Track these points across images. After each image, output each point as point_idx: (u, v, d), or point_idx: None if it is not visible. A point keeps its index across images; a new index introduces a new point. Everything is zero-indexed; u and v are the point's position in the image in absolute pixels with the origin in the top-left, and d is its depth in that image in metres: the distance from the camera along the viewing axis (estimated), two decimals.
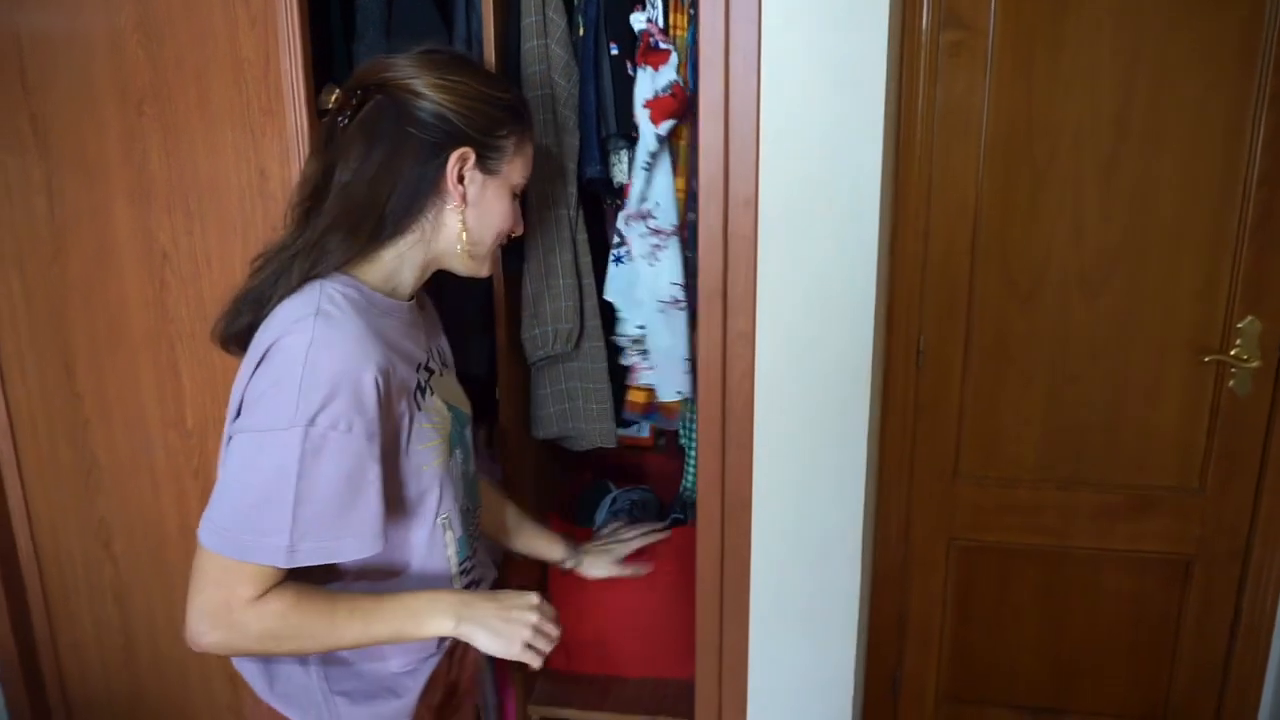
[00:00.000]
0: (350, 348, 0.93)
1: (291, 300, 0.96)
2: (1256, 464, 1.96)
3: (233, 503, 0.92)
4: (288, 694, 1.07)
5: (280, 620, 0.94)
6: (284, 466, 0.89)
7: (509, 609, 1.04)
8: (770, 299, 1.27)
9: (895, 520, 2.13)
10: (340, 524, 0.93)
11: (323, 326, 0.92)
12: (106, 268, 1.47)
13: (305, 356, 0.90)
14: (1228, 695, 2.10)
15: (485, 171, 1.05)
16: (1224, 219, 1.85)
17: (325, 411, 0.90)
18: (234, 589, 0.92)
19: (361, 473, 0.93)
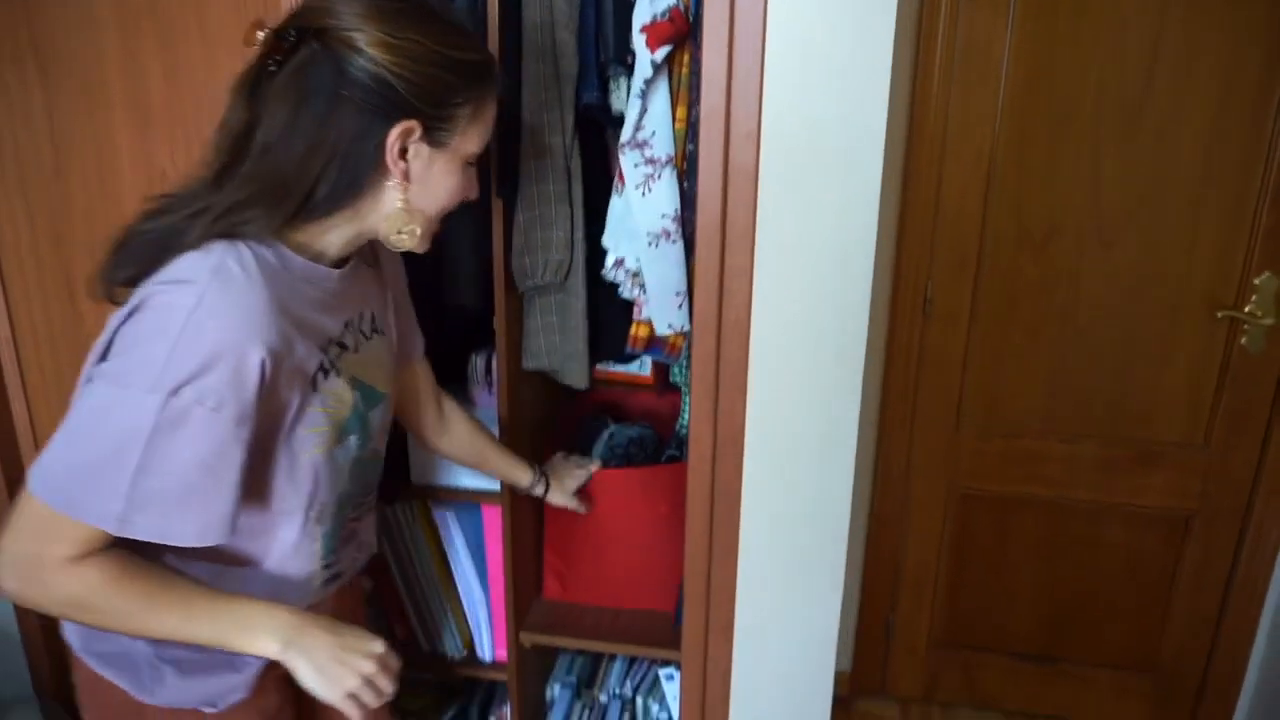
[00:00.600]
0: (241, 319, 0.84)
1: (192, 252, 0.85)
2: (1264, 422, 1.94)
3: (73, 452, 0.83)
4: (105, 653, 1.00)
5: (93, 592, 0.86)
6: (135, 430, 0.81)
7: (347, 650, 0.94)
8: (770, 235, 1.25)
9: (896, 468, 2.13)
10: (184, 506, 0.85)
11: (217, 290, 0.83)
12: (107, 188, 1.47)
13: (187, 318, 0.81)
14: (1219, 649, 2.11)
15: (433, 145, 0.92)
16: (1248, 172, 1.80)
17: (194, 384, 0.81)
18: (51, 544, 0.85)
19: (221, 458, 0.85)
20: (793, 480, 1.38)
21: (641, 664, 1.90)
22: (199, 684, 1.00)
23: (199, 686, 1.00)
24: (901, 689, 2.32)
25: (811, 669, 1.48)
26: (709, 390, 1.32)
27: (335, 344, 1.00)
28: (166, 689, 0.99)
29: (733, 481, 1.37)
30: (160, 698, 1.00)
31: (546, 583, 1.76)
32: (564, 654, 1.95)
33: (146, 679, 0.99)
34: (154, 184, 1.45)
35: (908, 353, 2.04)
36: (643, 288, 1.47)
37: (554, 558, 1.75)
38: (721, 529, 1.40)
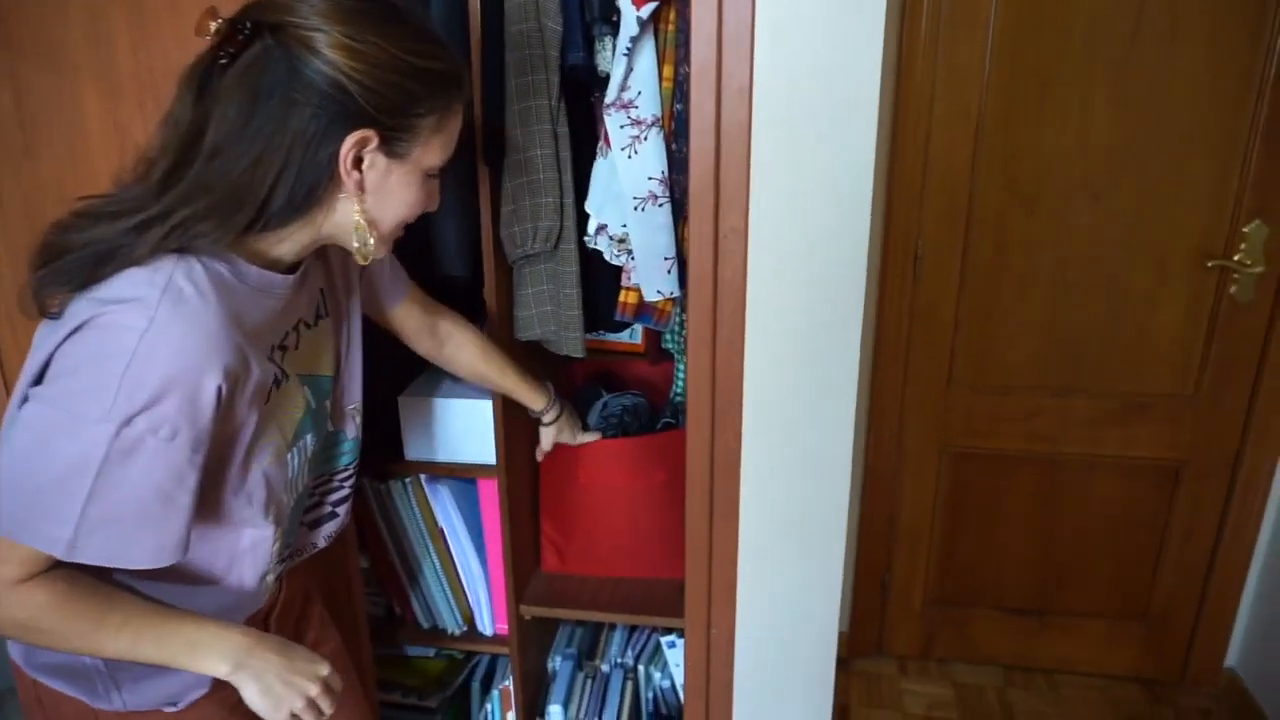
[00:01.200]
0: (196, 344, 0.78)
1: (138, 269, 0.80)
2: (1253, 371, 1.95)
3: (18, 478, 0.79)
4: (52, 665, 0.97)
5: (40, 612, 0.83)
6: (85, 460, 0.77)
7: (294, 673, 0.92)
8: (764, 194, 1.23)
9: (888, 426, 2.13)
10: (136, 530, 0.81)
11: (168, 311, 0.77)
12: (79, 163, 1.43)
13: (139, 342, 0.76)
14: (1209, 597, 2.14)
15: (390, 156, 0.87)
16: (1237, 120, 1.79)
17: (147, 414, 0.77)
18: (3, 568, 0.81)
19: (175, 484, 0.81)
20: (792, 440, 1.37)
21: (642, 633, 1.90)
22: (158, 685, 0.97)
23: (158, 687, 0.97)
24: (898, 647, 2.34)
25: (815, 629, 1.48)
26: (706, 353, 1.31)
27: (279, 348, 0.96)
28: (124, 694, 0.97)
29: (732, 444, 1.37)
30: (117, 703, 0.97)
31: (544, 556, 1.75)
32: (564, 626, 1.95)
33: (100, 686, 0.96)
34: (125, 156, 1.40)
35: (899, 312, 2.03)
36: (630, 253, 1.45)
37: (551, 530, 1.74)
38: (721, 492, 1.39)
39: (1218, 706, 2.16)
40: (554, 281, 1.46)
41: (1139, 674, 2.25)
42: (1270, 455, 1.99)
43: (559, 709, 1.72)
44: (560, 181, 1.39)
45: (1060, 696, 2.21)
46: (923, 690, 2.24)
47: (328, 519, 1.15)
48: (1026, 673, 2.29)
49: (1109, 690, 2.23)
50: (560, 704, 1.73)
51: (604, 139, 1.37)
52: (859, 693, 2.21)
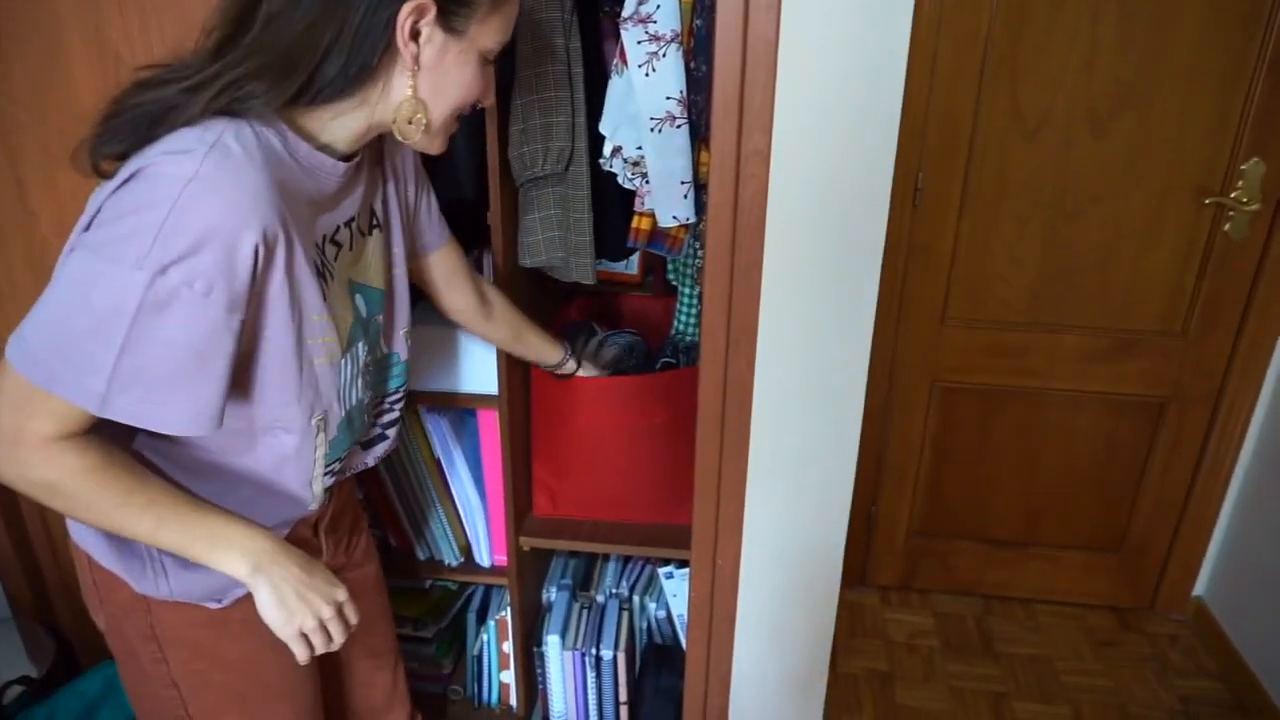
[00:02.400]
0: (238, 199, 0.77)
1: (190, 128, 0.79)
2: (1240, 309, 1.98)
3: (55, 326, 0.77)
4: (106, 543, 0.96)
5: (68, 476, 0.82)
6: (119, 309, 0.75)
7: (312, 588, 0.90)
8: (789, 115, 1.19)
9: (880, 360, 2.13)
10: (169, 390, 0.80)
11: (213, 164, 0.76)
12: (56, 71, 1.32)
13: (181, 191, 0.75)
14: (1183, 529, 2.20)
15: (447, 30, 0.86)
16: (1243, 54, 1.78)
17: (183, 264, 0.75)
18: (31, 420, 0.80)
19: (210, 344, 0.79)
20: (806, 372, 1.35)
21: (635, 565, 1.91)
22: (204, 577, 0.95)
23: (204, 580, 0.96)
24: (882, 578, 2.39)
25: (820, 561, 1.49)
26: (723, 280, 1.27)
27: (331, 242, 0.94)
28: (170, 580, 0.96)
29: (745, 374, 1.34)
30: (164, 590, 0.96)
31: (536, 500, 1.71)
32: (557, 559, 1.94)
33: (149, 570, 0.96)
34: (108, 65, 1.31)
35: (896, 245, 2.01)
36: (644, 177, 1.40)
37: (544, 473, 1.70)
38: (732, 423, 1.37)
39: (1185, 632, 2.24)
40: (562, 206, 1.41)
41: (1112, 602, 2.32)
42: (1251, 392, 2.03)
43: (556, 638, 1.73)
44: (572, 99, 1.33)
45: (1036, 624, 2.28)
46: (905, 619, 2.30)
47: (378, 440, 1.14)
48: (1004, 602, 2.35)
49: (1082, 618, 2.30)
50: (557, 634, 1.73)
51: (620, 55, 1.31)
52: (843, 622, 2.26)
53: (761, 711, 1.62)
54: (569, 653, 1.73)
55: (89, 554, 0.99)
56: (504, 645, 1.80)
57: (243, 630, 1.00)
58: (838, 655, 2.14)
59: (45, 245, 1.45)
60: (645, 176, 1.38)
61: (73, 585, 1.74)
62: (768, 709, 1.61)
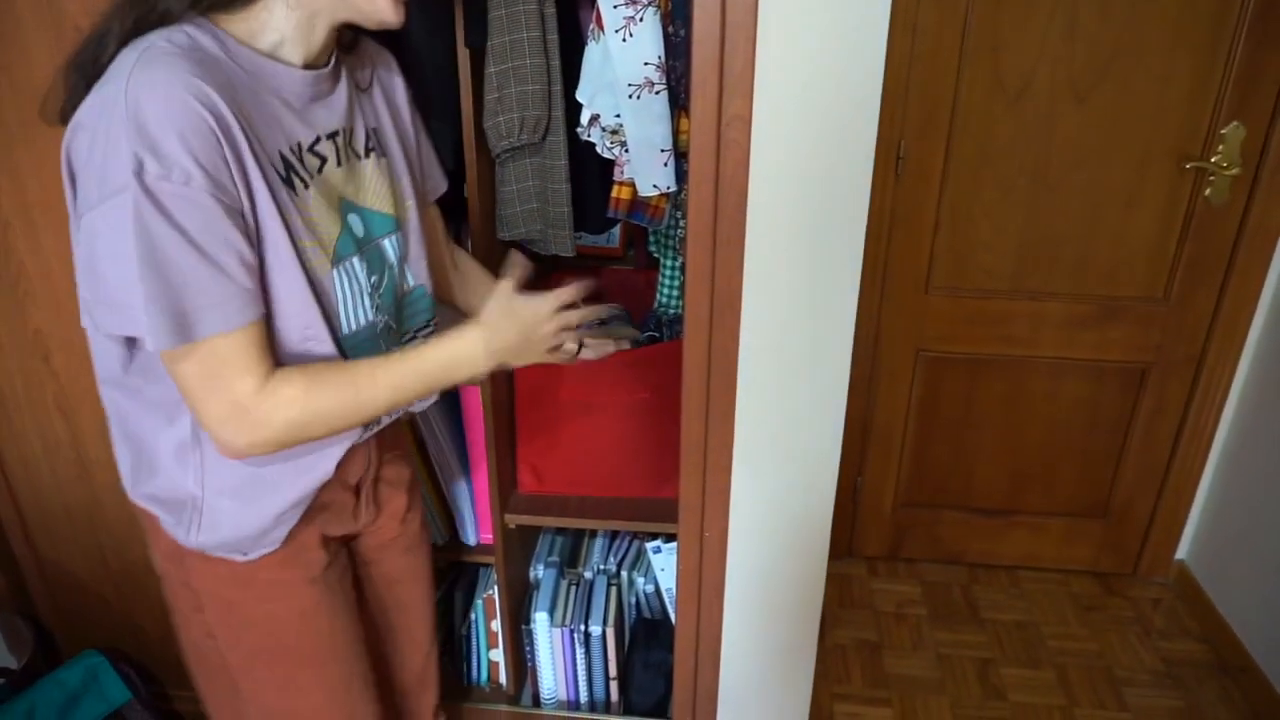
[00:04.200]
0: (179, 82, 0.76)
1: (126, 49, 0.80)
2: (1221, 274, 1.99)
3: (142, 286, 0.77)
4: (151, 495, 0.98)
5: (299, 407, 0.86)
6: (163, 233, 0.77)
7: (529, 332, 0.97)
8: (770, 80, 1.16)
9: (864, 331, 2.12)
10: (219, 285, 0.81)
11: (143, 66, 0.77)
12: (9, 45, 1.28)
13: (123, 101, 0.75)
14: (1165, 494, 2.22)
15: None
16: (1224, 16, 1.77)
17: (154, 160, 0.75)
18: (231, 384, 0.83)
19: (223, 231, 0.80)
20: (790, 342, 1.34)
21: (622, 540, 1.90)
22: (229, 529, 0.97)
23: (230, 531, 0.97)
24: (868, 549, 2.40)
25: (808, 531, 1.48)
26: (706, 250, 1.26)
27: (309, 151, 0.91)
28: (200, 532, 0.97)
29: (729, 345, 1.33)
30: (194, 539, 0.98)
31: (521, 477, 1.69)
32: (544, 536, 1.93)
33: (185, 518, 0.97)
34: (64, 37, 1.27)
35: (879, 214, 2.00)
36: (623, 145, 1.38)
37: (529, 450, 1.68)
38: (718, 394, 1.36)
39: (1168, 595, 2.27)
40: (540, 176, 1.38)
41: (1095, 568, 2.34)
42: (1232, 356, 2.04)
43: (544, 615, 1.72)
44: (548, 67, 1.30)
45: (1021, 591, 2.30)
46: (892, 589, 2.30)
47: None
48: (990, 570, 2.36)
49: (1066, 584, 2.32)
50: (546, 610, 1.72)
51: (596, 20, 1.28)
52: (831, 593, 2.26)
53: (751, 683, 1.62)
54: (557, 629, 1.72)
55: (136, 502, 1.01)
56: (492, 623, 1.79)
57: (268, 592, 1.02)
58: (826, 626, 2.14)
59: (8, 228, 1.40)
60: (624, 145, 1.35)
61: (50, 575, 1.72)
62: (757, 680, 1.61)
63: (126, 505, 1.59)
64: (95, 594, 1.72)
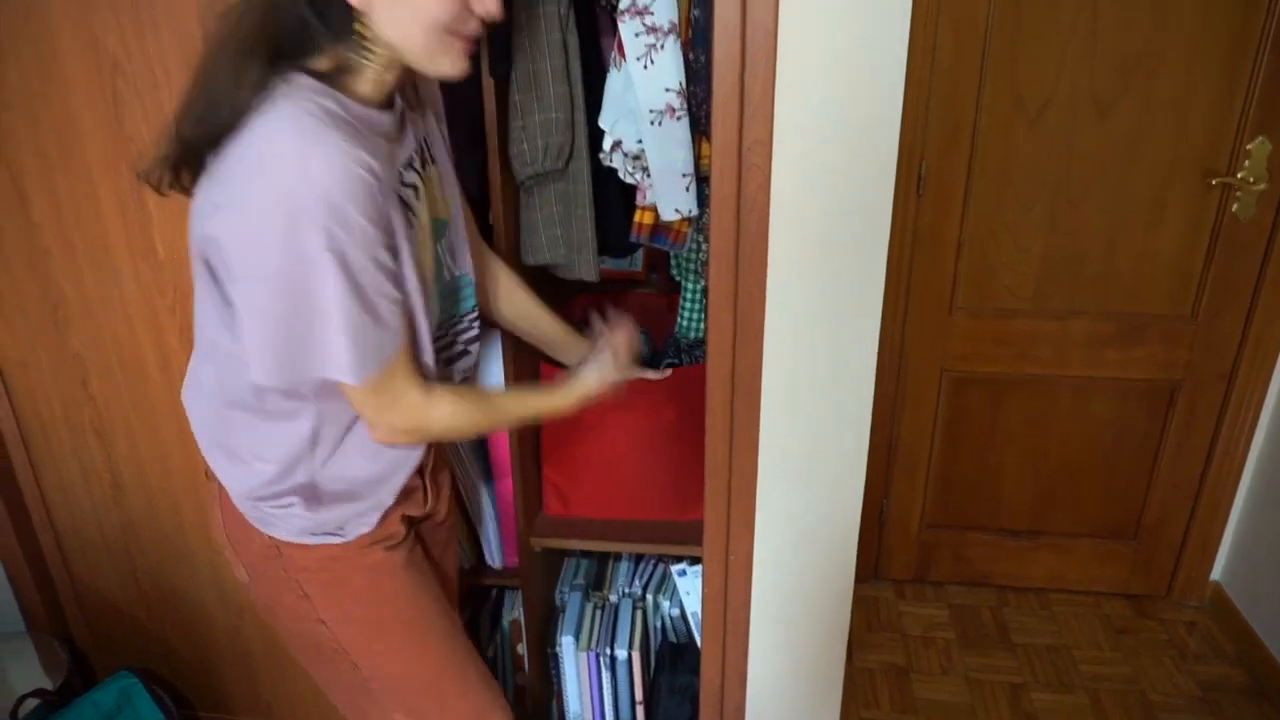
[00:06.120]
0: (337, 146, 0.85)
1: (261, 116, 0.86)
2: (1251, 289, 1.97)
3: (352, 337, 0.91)
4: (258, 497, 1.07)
5: (455, 412, 1.05)
6: (332, 283, 0.87)
7: (615, 371, 1.26)
8: (789, 104, 1.18)
9: (888, 352, 2.12)
10: (394, 322, 0.95)
11: (306, 139, 0.85)
12: (50, 80, 1.32)
13: (302, 177, 0.83)
14: (1198, 514, 2.18)
15: None
16: (1246, 32, 1.76)
17: (341, 230, 0.85)
18: (403, 396, 1.00)
19: (386, 277, 0.92)
20: (814, 364, 1.34)
21: (647, 563, 1.90)
22: (327, 515, 1.07)
23: (329, 518, 1.07)
24: (895, 571, 2.37)
25: (833, 552, 1.48)
26: (728, 273, 1.27)
27: (405, 185, 1.01)
28: (309, 519, 1.06)
29: (753, 367, 1.33)
30: (287, 532, 1.07)
31: (547, 500, 1.71)
32: (569, 560, 1.93)
33: (293, 511, 1.06)
34: (104, 71, 1.31)
35: (901, 233, 2.00)
36: (645, 171, 1.39)
37: (554, 474, 1.69)
38: (742, 415, 1.36)
39: (1202, 618, 2.22)
40: (564, 202, 1.40)
41: (1127, 590, 2.30)
42: (1264, 373, 2.02)
43: (570, 639, 1.72)
44: (571, 95, 1.32)
45: (1052, 614, 2.27)
46: (920, 612, 2.28)
47: (460, 356, 1.19)
48: (1019, 592, 2.33)
49: (1098, 606, 2.28)
50: (571, 634, 1.72)
51: (617, 49, 1.30)
52: (858, 617, 2.24)
53: (778, 707, 1.60)
54: (583, 653, 1.72)
55: (221, 511, 1.10)
56: (518, 647, 1.79)
57: (366, 565, 1.12)
58: (854, 649, 2.12)
59: (48, 256, 1.44)
60: (646, 170, 1.37)
61: (85, 597, 1.75)
62: (785, 704, 1.60)
63: (161, 527, 1.64)
64: (128, 615, 1.75)
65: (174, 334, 1.48)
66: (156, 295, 1.45)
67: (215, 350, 1.00)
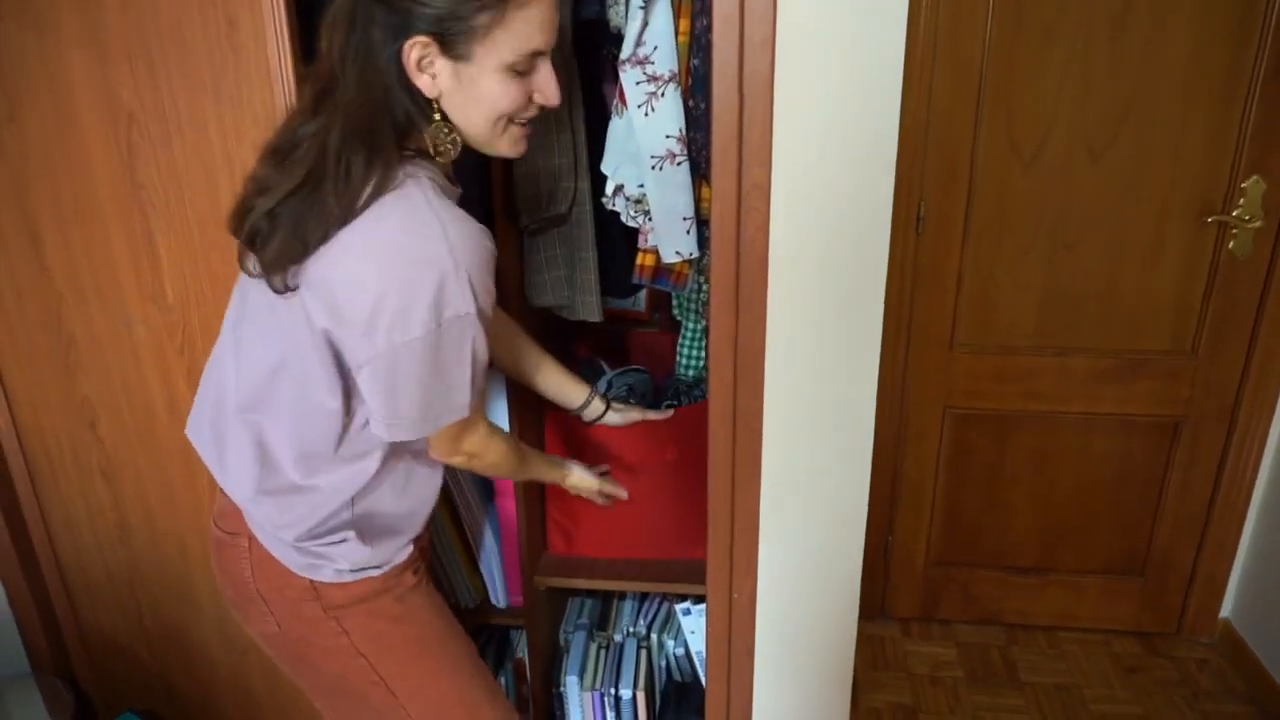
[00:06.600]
0: (468, 226, 0.95)
1: (389, 201, 0.93)
2: (1250, 325, 1.98)
3: (474, 386, 1.02)
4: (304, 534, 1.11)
5: (502, 455, 1.18)
6: (470, 351, 0.98)
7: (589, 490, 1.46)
8: (787, 148, 1.20)
9: (890, 389, 2.13)
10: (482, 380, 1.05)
11: (447, 218, 0.94)
12: (66, 129, 1.36)
13: (445, 248, 0.91)
14: (1205, 550, 2.17)
15: (451, 58, 0.94)
16: (1236, 74, 1.79)
17: (486, 295, 0.96)
18: (474, 430, 1.11)
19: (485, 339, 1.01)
20: (815, 403, 1.36)
21: (652, 602, 1.89)
22: (383, 550, 1.14)
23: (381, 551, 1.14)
24: (901, 609, 2.36)
25: (837, 591, 1.47)
26: (729, 314, 1.28)
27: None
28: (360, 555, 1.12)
29: (753, 406, 1.34)
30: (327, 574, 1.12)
31: (551, 539, 1.71)
32: (574, 599, 1.93)
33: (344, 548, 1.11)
34: (119, 123, 1.34)
35: (902, 273, 2.02)
36: (646, 214, 1.42)
37: (558, 513, 1.70)
38: (743, 455, 1.37)
39: (1213, 656, 2.20)
40: (567, 245, 1.42)
41: (1137, 627, 2.28)
42: (1267, 408, 2.02)
43: (574, 679, 1.71)
44: (574, 141, 1.35)
45: (1061, 652, 2.25)
46: (927, 651, 2.26)
47: None
48: (1027, 630, 2.31)
49: (1108, 644, 2.26)
50: (575, 674, 1.71)
51: (619, 97, 1.34)
52: (864, 656, 2.23)
53: None
54: (588, 693, 1.71)
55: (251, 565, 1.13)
56: (523, 687, 1.78)
57: (399, 591, 1.17)
58: (860, 689, 2.10)
59: (61, 301, 1.47)
60: (648, 214, 1.40)
61: (89, 636, 1.75)
62: None
63: (166, 566, 1.64)
64: (131, 655, 1.75)
65: (182, 376, 1.49)
66: (166, 338, 1.48)
67: (306, 410, 1.04)
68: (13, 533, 1.63)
